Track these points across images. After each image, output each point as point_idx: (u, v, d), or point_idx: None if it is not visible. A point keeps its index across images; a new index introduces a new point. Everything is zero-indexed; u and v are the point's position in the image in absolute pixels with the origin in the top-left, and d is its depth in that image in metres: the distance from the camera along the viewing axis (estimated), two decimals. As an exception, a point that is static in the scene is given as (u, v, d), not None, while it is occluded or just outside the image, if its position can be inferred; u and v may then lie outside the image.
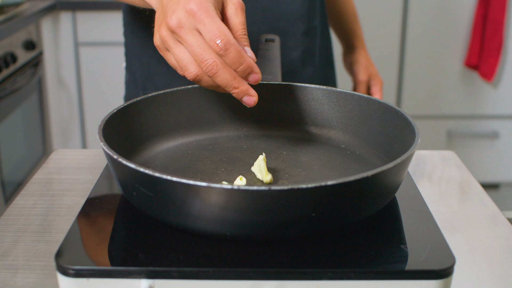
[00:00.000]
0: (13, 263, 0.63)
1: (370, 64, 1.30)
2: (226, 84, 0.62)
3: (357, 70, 1.29)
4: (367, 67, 1.29)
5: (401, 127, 0.68)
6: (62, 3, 2.23)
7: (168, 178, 0.52)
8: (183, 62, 0.63)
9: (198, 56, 0.61)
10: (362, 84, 1.29)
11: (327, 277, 0.51)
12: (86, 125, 2.40)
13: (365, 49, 1.32)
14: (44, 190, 0.79)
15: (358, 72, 1.29)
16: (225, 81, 0.62)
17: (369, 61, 1.31)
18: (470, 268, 0.63)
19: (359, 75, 1.29)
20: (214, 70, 0.61)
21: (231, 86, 0.63)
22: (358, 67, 1.29)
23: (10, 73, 1.95)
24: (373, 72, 1.29)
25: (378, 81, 1.30)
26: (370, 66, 1.30)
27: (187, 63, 0.63)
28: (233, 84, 0.63)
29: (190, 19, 0.61)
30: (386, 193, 0.59)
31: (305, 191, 0.51)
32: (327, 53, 1.22)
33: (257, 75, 0.64)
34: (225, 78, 0.62)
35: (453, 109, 2.51)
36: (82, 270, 0.51)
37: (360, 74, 1.29)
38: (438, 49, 2.43)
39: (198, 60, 0.61)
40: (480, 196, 0.79)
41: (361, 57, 1.30)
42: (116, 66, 2.29)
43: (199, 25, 0.61)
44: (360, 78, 1.29)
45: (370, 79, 1.29)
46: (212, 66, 0.61)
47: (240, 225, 0.53)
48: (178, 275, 0.51)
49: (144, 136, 0.72)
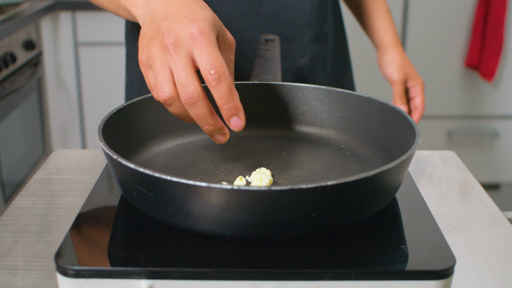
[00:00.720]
0: (12, 264, 0.62)
1: (407, 63, 1.17)
2: (201, 118, 0.58)
3: (391, 70, 1.16)
4: (403, 66, 1.16)
5: (402, 127, 0.68)
6: (61, 3, 2.23)
7: (168, 178, 0.52)
8: (160, 80, 0.58)
9: (181, 79, 0.57)
10: (397, 84, 1.15)
11: (327, 277, 0.51)
12: (85, 125, 2.40)
13: (399, 47, 1.18)
14: (43, 190, 0.79)
15: (392, 73, 1.16)
16: (200, 114, 0.58)
17: (406, 60, 1.17)
18: (471, 269, 0.62)
19: (393, 75, 1.15)
20: (193, 100, 0.57)
21: (205, 122, 0.59)
22: (392, 67, 1.16)
23: (9, 73, 1.95)
24: (410, 72, 1.16)
25: (417, 82, 1.17)
26: (406, 65, 1.16)
27: (164, 82, 0.58)
28: (208, 120, 0.58)
29: (188, 41, 0.57)
30: (387, 193, 0.59)
31: (305, 191, 0.51)
32: (342, 58, 1.16)
33: (241, 121, 0.59)
34: (202, 112, 0.58)
35: (453, 109, 2.50)
36: (82, 271, 0.51)
37: (395, 74, 1.15)
38: (438, 49, 2.43)
39: (179, 83, 0.57)
40: (481, 196, 0.79)
41: (394, 56, 1.16)
42: (116, 66, 2.29)
43: (196, 50, 0.57)
44: (395, 79, 1.15)
45: (408, 79, 1.16)
46: (192, 94, 0.57)
47: (240, 226, 0.53)
48: (178, 276, 0.51)
49: (144, 136, 0.72)
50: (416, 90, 1.16)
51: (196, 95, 0.57)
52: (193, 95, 0.57)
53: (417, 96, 1.16)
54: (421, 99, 1.16)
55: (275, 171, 0.68)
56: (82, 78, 2.34)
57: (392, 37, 1.17)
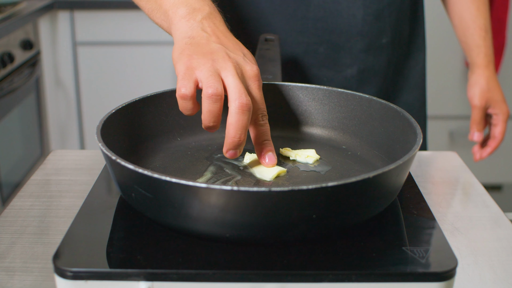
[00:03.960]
0: (10, 265, 0.62)
1: (493, 89, 1.10)
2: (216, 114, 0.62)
3: (472, 93, 1.10)
4: (487, 91, 1.09)
5: (403, 128, 0.68)
6: (59, 2, 2.23)
7: (167, 179, 0.51)
8: (207, 75, 0.61)
9: (230, 85, 0.61)
10: (476, 109, 1.09)
11: (328, 279, 0.51)
12: (84, 125, 2.39)
13: (489, 69, 1.10)
14: (41, 191, 0.78)
15: (473, 96, 1.09)
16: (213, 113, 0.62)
17: (493, 84, 1.10)
18: (473, 270, 0.62)
19: (474, 99, 1.09)
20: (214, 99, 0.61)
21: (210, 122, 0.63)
22: (474, 89, 1.09)
23: (7, 73, 1.95)
24: (494, 98, 1.09)
25: (502, 110, 1.09)
26: (492, 91, 1.09)
27: (212, 77, 0.61)
28: (211, 122, 0.62)
29: (250, 77, 0.64)
30: (388, 195, 0.58)
31: (305, 192, 0.50)
32: (416, 74, 1.11)
33: (275, 157, 0.67)
34: (214, 111, 0.61)
35: (455, 109, 2.50)
36: (80, 272, 0.51)
37: (475, 98, 1.09)
38: (440, 49, 2.43)
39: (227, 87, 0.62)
40: (483, 197, 0.78)
41: (481, 79, 1.09)
42: (115, 66, 2.29)
43: (253, 88, 0.64)
44: (475, 103, 1.09)
45: (490, 106, 1.10)
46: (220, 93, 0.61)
47: (240, 227, 0.53)
48: (177, 277, 0.51)
49: (143, 137, 0.72)
50: (498, 119, 1.10)
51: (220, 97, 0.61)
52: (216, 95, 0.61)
53: (498, 125, 1.10)
54: (501, 129, 1.11)
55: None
56: (80, 78, 2.33)
57: (483, 57, 1.10)
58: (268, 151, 0.67)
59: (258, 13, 1.03)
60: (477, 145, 1.17)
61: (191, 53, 0.63)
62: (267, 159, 0.67)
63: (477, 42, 1.10)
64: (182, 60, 0.63)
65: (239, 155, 0.63)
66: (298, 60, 1.04)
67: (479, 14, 1.10)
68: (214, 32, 0.66)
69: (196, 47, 0.64)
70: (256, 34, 1.02)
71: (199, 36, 0.65)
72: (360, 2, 1.01)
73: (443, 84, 2.47)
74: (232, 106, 0.60)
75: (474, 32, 1.10)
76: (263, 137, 0.66)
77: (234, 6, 1.04)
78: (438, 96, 2.48)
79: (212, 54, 0.63)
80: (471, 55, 1.11)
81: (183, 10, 0.68)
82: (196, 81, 0.62)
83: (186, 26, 0.67)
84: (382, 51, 1.05)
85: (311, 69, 1.04)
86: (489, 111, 1.11)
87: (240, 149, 0.62)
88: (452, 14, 1.14)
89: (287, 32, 1.02)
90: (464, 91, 2.49)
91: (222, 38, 0.66)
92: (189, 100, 0.62)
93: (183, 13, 0.67)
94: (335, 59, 1.03)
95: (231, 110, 0.60)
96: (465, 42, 1.12)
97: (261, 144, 0.66)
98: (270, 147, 0.67)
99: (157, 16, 0.73)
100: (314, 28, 1.02)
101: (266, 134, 0.66)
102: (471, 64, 1.12)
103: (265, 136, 0.66)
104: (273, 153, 0.67)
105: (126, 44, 2.25)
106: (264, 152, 0.67)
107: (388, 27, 1.04)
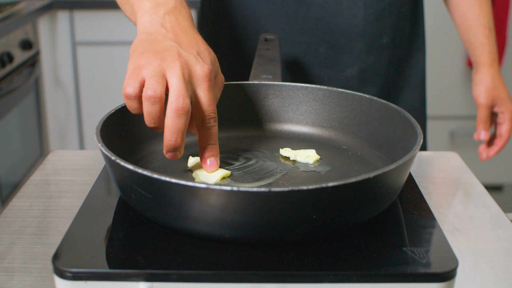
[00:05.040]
0: (9, 266, 0.62)
1: (498, 87, 1.09)
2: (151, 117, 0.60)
3: (478, 92, 1.09)
4: (493, 89, 1.08)
5: (403, 128, 0.68)
6: (59, 2, 2.22)
7: (167, 180, 0.51)
8: (150, 75, 0.59)
9: (174, 87, 0.59)
10: (482, 108, 1.09)
11: (328, 280, 0.51)
12: (83, 125, 2.39)
13: (494, 68, 1.09)
14: (41, 191, 0.78)
15: (479, 95, 1.09)
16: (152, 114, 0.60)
17: (498, 83, 1.09)
18: (473, 271, 0.62)
19: (480, 97, 1.08)
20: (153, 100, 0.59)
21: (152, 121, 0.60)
22: (480, 88, 1.09)
23: (6, 73, 1.95)
24: (500, 96, 1.09)
25: (507, 108, 1.09)
26: (497, 89, 1.09)
27: (154, 78, 0.59)
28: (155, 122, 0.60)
29: (198, 79, 0.61)
30: (388, 195, 0.58)
31: (305, 192, 0.50)
32: (416, 74, 1.11)
33: (218, 164, 0.65)
34: (154, 112, 0.59)
35: (456, 109, 2.50)
36: (80, 273, 0.51)
37: (481, 97, 1.08)
38: (440, 49, 2.43)
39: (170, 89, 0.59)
40: (483, 197, 0.78)
41: (486, 77, 1.08)
42: (114, 65, 2.29)
43: (200, 91, 0.61)
44: (480, 101, 1.08)
45: (496, 104, 1.09)
46: (153, 95, 0.58)
47: (240, 227, 0.53)
48: (177, 278, 0.51)
49: (143, 137, 0.72)
50: (504, 117, 1.10)
51: (159, 98, 0.59)
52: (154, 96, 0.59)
53: (504, 124, 1.10)
54: (508, 127, 1.10)
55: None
56: (80, 78, 2.33)
57: (487, 56, 1.09)
58: (211, 155, 0.64)
59: (258, 13, 1.03)
60: (484, 144, 1.16)
61: (143, 51, 0.61)
62: (208, 164, 0.64)
63: (481, 40, 1.09)
64: (133, 58, 0.61)
65: (179, 157, 0.61)
66: (299, 60, 1.04)
67: (482, 12, 1.09)
68: (173, 28, 0.64)
69: (151, 44, 0.62)
70: (257, 34, 1.02)
71: (157, 32, 0.63)
72: (361, 2, 1.00)
73: (443, 84, 2.47)
74: (168, 108, 0.58)
75: (478, 30, 1.09)
76: (207, 141, 0.64)
77: (235, 6, 1.04)
78: (438, 96, 2.47)
79: (163, 52, 0.61)
80: (475, 54, 1.10)
81: (147, 4, 0.66)
82: (142, 80, 0.60)
83: (147, 21, 0.65)
84: (383, 51, 1.05)
85: (311, 69, 1.04)
86: (495, 109, 1.10)
87: (179, 151, 0.60)
88: (454, 13, 1.14)
89: (288, 32, 1.02)
90: (464, 91, 2.49)
91: (180, 35, 0.64)
92: (133, 100, 0.60)
93: (147, 7, 0.66)
94: (336, 59, 1.03)
95: (167, 113, 0.58)
96: (469, 41, 1.11)
97: (205, 148, 0.64)
98: (213, 152, 0.64)
99: (126, 9, 0.73)
100: (315, 28, 1.02)
101: (211, 138, 0.63)
102: (475, 63, 1.11)
103: (210, 140, 0.63)
104: (216, 158, 0.65)
105: (125, 44, 2.25)
106: (206, 156, 0.64)
107: (389, 27, 1.04)
